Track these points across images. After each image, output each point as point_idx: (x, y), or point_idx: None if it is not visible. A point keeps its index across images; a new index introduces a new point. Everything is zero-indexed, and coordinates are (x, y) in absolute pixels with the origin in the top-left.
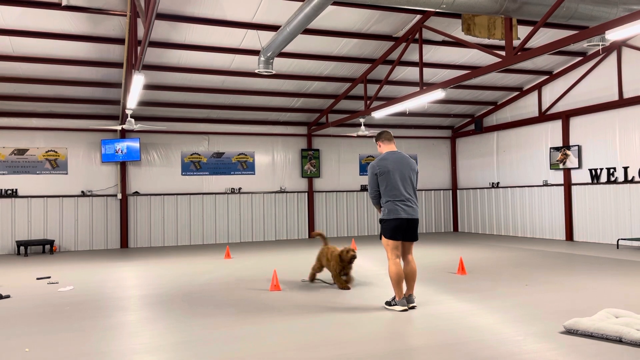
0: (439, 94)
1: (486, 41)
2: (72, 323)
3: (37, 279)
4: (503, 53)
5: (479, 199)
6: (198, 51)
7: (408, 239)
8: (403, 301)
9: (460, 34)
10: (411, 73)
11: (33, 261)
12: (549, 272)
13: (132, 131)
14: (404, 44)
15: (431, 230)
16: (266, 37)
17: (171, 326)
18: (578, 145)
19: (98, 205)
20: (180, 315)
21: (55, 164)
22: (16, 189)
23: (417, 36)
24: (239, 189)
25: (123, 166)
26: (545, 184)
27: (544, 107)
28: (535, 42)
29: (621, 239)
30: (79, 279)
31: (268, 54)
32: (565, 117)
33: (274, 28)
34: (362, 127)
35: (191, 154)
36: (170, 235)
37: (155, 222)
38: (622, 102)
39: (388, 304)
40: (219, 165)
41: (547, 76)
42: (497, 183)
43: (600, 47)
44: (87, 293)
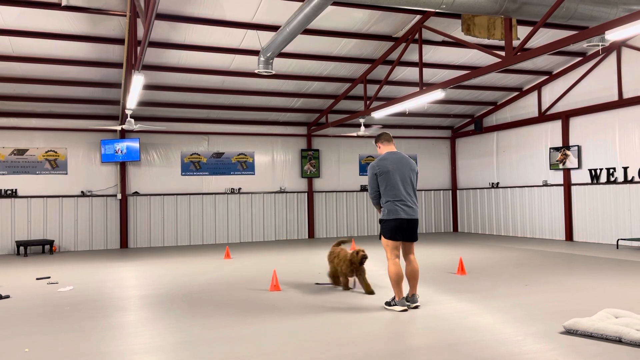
0: (438, 94)
1: (486, 41)
2: (72, 323)
3: (37, 279)
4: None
5: (479, 199)
6: (198, 51)
7: (408, 239)
8: (403, 301)
9: (460, 34)
10: (411, 73)
11: (33, 261)
12: (548, 272)
13: (131, 131)
14: (403, 44)
15: (431, 231)
16: (266, 37)
17: (171, 326)
18: (578, 146)
19: (98, 206)
20: (180, 316)
21: (55, 164)
22: (16, 189)
23: (417, 36)
24: (239, 189)
25: (123, 166)
26: (545, 184)
27: (544, 107)
28: (535, 43)
29: (621, 239)
30: (79, 279)
31: (268, 54)
32: (565, 117)
33: (273, 28)
34: (362, 127)
35: (191, 154)
36: (170, 235)
37: (155, 223)
38: (622, 103)
39: (388, 304)
40: (218, 165)
41: (547, 76)
42: (497, 183)
43: (600, 48)
44: (86, 293)
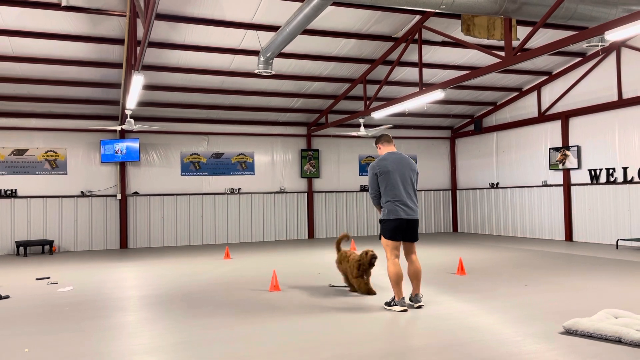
0: (438, 94)
1: (485, 42)
2: (72, 323)
3: (37, 279)
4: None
5: (479, 200)
6: (197, 51)
7: (408, 240)
8: (402, 301)
9: (460, 35)
10: (411, 73)
11: (32, 261)
12: (548, 272)
13: (131, 131)
14: (403, 45)
15: (431, 231)
16: (266, 37)
17: (170, 326)
18: (577, 146)
19: (97, 206)
20: (179, 316)
21: (55, 165)
22: (15, 190)
23: (416, 37)
24: (239, 189)
25: (122, 166)
26: (545, 185)
27: (544, 107)
28: (534, 43)
29: (620, 239)
30: (79, 280)
31: (267, 55)
32: (565, 117)
33: (273, 28)
34: (362, 128)
35: (191, 155)
36: (170, 235)
37: (155, 223)
38: (622, 103)
39: (387, 305)
40: (218, 165)
41: (547, 77)
42: (497, 183)
43: (600, 48)
44: (86, 293)
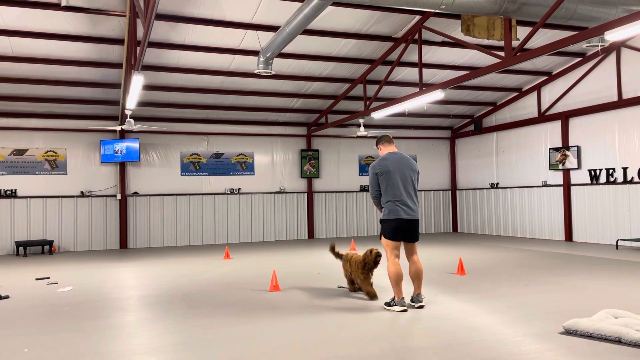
0: (438, 94)
1: (485, 42)
2: (72, 323)
3: (37, 279)
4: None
5: (479, 200)
6: (197, 52)
7: (408, 240)
8: (402, 301)
9: (460, 35)
10: (410, 74)
11: (32, 262)
12: (548, 272)
13: (131, 132)
14: (403, 45)
15: (430, 231)
16: (265, 37)
17: (170, 327)
18: (577, 146)
19: (97, 206)
20: (179, 316)
21: (55, 165)
22: (15, 190)
23: (416, 37)
24: (239, 189)
25: (122, 167)
26: (545, 185)
27: (544, 107)
28: (534, 43)
29: (620, 239)
30: (78, 280)
31: (267, 55)
32: (565, 117)
33: (273, 28)
34: (362, 128)
35: (190, 155)
36: (170, 235)
37: (155, 223)
38: (622, 103)
39: (387, 305)
40: (218, 165)
41: (547, 77)
42: (497, 183)
43: (600, 48)
44: (86, 293)
